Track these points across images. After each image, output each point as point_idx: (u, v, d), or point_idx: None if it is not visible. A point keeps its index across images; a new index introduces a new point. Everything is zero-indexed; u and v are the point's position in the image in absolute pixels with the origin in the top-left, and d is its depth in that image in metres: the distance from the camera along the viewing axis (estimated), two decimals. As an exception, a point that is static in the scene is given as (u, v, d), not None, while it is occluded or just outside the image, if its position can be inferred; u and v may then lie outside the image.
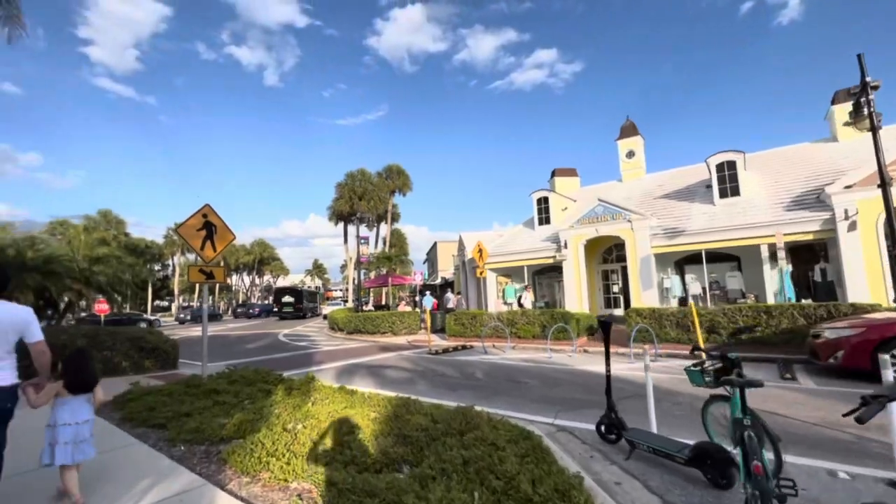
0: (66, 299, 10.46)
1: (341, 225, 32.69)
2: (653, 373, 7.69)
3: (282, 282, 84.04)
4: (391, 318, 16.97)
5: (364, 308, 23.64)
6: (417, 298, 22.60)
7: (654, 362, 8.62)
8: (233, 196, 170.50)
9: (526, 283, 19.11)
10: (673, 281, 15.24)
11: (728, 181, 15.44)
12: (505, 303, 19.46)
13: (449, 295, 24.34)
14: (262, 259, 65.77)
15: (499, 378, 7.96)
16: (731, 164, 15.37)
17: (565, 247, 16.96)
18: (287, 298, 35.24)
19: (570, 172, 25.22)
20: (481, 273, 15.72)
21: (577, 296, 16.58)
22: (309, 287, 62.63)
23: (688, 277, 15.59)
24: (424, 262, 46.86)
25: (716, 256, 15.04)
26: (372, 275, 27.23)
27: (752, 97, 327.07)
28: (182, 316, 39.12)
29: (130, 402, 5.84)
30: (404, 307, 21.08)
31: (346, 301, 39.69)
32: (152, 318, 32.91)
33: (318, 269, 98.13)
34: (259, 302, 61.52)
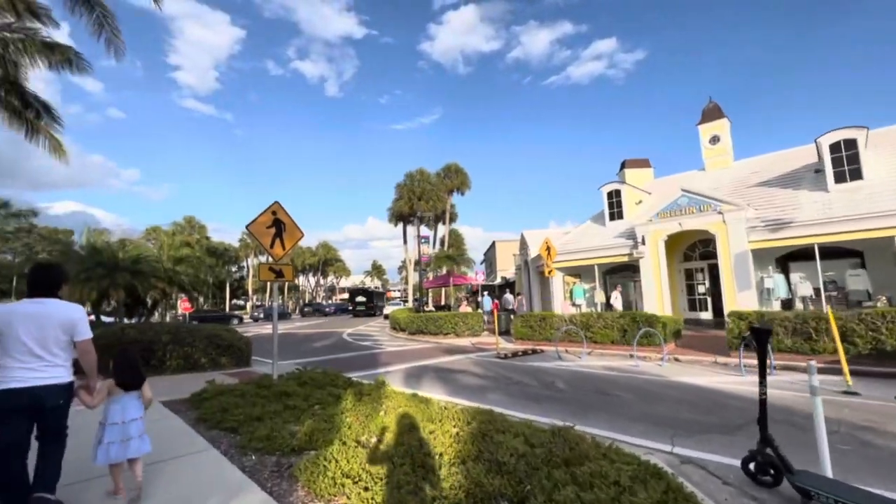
0: (151, 298, 11.05)
1: (400, 226, 33.07)
2: (775, 389, 6.43)
3: (344, 282, 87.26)
4: (454, 319, 16.46)
5: (425, 308, 23.42)
6: (480, 299, 21.94)
7: (771, 376, 7.25)
8: (298, 202, 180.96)
9: (596, 283, 17.75)
10: (776, 280, 13.22)
11: (846, 163, 13.12)
12: (573, 304, 18.22)
13: (508, 296, 23.43)
14: (326, 260, 68.78)
15: (585, 389, 7.07)
16: (850, 143, 13.04)
17: (643, 243, 15.44)
18: (360, 298, 39.80)
19: (642, 163, 23.25)
20: (549, 272, 14.72)
21: (657, 297, 15.00)
22: (372, 287, 66.34)
23: (794, 276, 13.46)
24: (482, 263, 46.09)
25: (832, 252, 12.81)
26: (431, 275, 27.16)
27: (857, 71, 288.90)
28: (255, 314, 41.69)
29: (205, 402, 5.76)
30: (466, 308, 20.52)
31: (405, 301, 40.06)
32: (241, 315, 35.61)
33: (377, 271, 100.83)
34: (324, 301, 64.36)
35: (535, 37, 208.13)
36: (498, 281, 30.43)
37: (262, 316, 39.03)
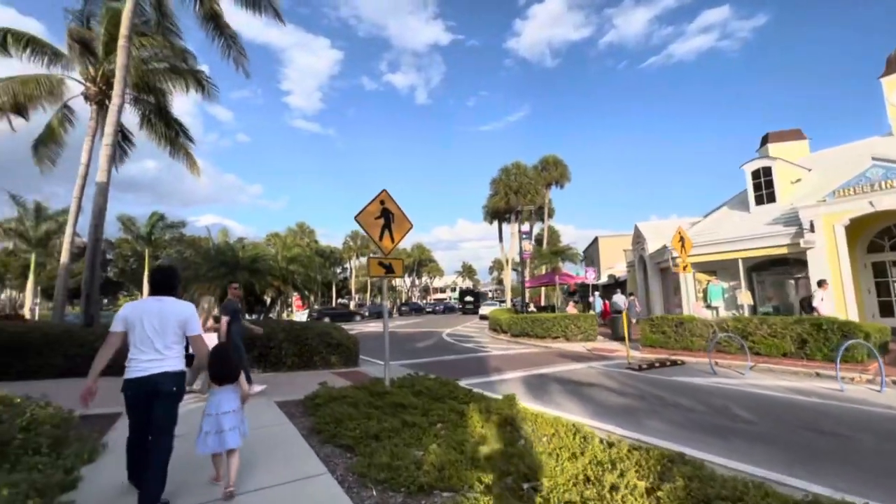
0: (268, 295, 11.43)
1: (495, 225, 32.01)
2: None
3: (437, 283, 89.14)
4: (563, 321, 14.84)
5: (528, 309, 22.00)
6: (591, 300, 19.84)
7: None
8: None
9: (741, 282, 14.68)
10: None
11: None
12: (708, 306, 15.36)
13: (619, 296, 20.90)
14: (420, 261, 70.71)
15: (784, 422, 5.21)
16: None
17: (811, 230, 12.23)
18: (468, 298, 47.37)
19: (793, 135, 19.03)
20: (684, 268, 12.37)
21: (838, 298, 11.71)
22: (476, 289, 70.55)
23: None
24: (581, 260, 42.89)
25: None
26: (527, 273, 25.61)
27: None
28: (362, 312, 44.22)
29: (319, 409, 5.27)
30: (572, 309, 18.66)
31: (502, 301, 38.88)
32: (362, 311, 38.33)
33: (467, 271, 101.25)
34: (420, 301, 66.36)
35: (630, 17, 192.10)
36: (604, 280, 27.64)
37: (366, 314, 41.02)
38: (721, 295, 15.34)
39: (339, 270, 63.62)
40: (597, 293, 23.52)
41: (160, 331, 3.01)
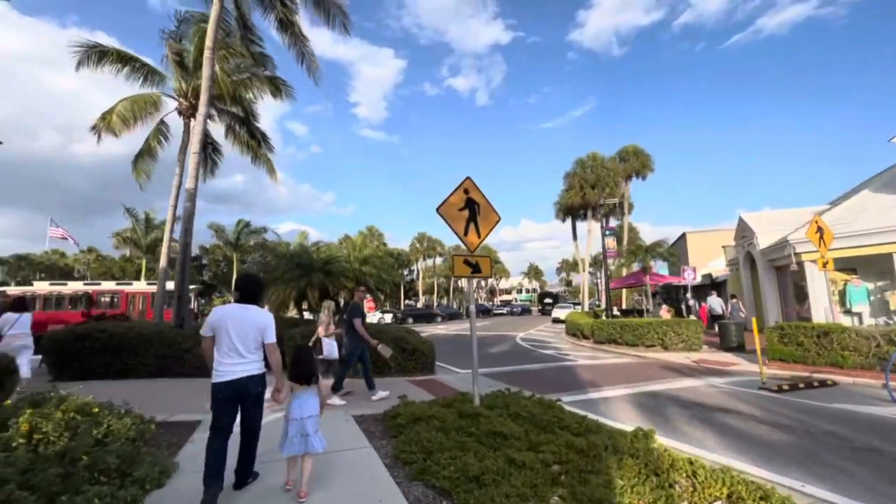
0: (342, 298, 11.16)
1: (559, 224, 29.97)
2: None
3: (503, 284, 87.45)
4: (660, 327, 13.01)
5: (614, 313, 20.09)
6: (692, 303, 17.54)
7: None
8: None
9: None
10: None
11: None
12: (848, 311, 12.66)
13: (714, 298, 18.27)
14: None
15: None
16: None
17: None
18: (547, 300, 53.14)
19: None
20: (825, 265, 10.12)
21: None
22: (546, 290, 70.04)
23: None
24: (664, 260, 39.00)
25: None
26: (611, 272, 23.44)
27: None
28: (441, 313, 44.39)
29: (402, 430, 4.53)
30: (666, 314, 16.55)
31: (576, 304, 36.59)
32: (441, 312, 38.89)
33: (534, 272, 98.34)
34: (487, 303, 65.37)
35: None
36: (696, 280, 24.51)
37: (443, 315, 40.94)
38: (866, 297, 12.57)
39: (405, 272, 64.68)
40: (688, 295, 20.90)
41: (242, 337, 3.18)
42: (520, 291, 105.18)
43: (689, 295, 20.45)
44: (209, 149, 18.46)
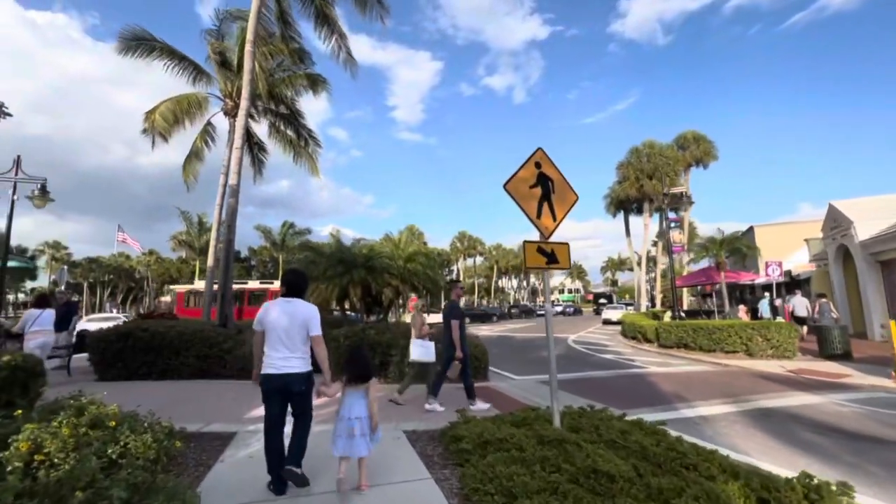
0: (386, 297, 10.45)
1: (620, 218, 27.83)
2: None
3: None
4: (745, 331, 11.33)
5: (681, 314, 18.28)
6: (778, 303, 15.49)
7: None
8: (490, 207, 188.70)
9: None
10: None
11: None
12: None
13: (798, 298, 16.00)
14: (528, 262, 67.47)
15: None
16: None
17: None
18: (602, 300, 53.99)
19: None
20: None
21: None
22: (607, 291, 74.71)
23: None
24: (727, 256, 35.77)
25: None
26: (673, 268, 21.41)
27: None
28: (496, 313, 43.40)
29: (468, 458, 3.64)
30: (745, 314, 14.65)
31: (629, 304, 34.39)
32: (499, 311, 38.35)
33: (577, 272, 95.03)
34: (529, 304, 63.32)
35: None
36: (782, 277, 21.95)
37: (498, 315, 39.81)
38: None
39: (445, 272, 64.14)
40: (767, 294, 18.60)
41: (288, 330, 3.20)
42: (561, 291, 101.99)
43: (767, 294, 18.15)
44: (255, 149, 18.56)
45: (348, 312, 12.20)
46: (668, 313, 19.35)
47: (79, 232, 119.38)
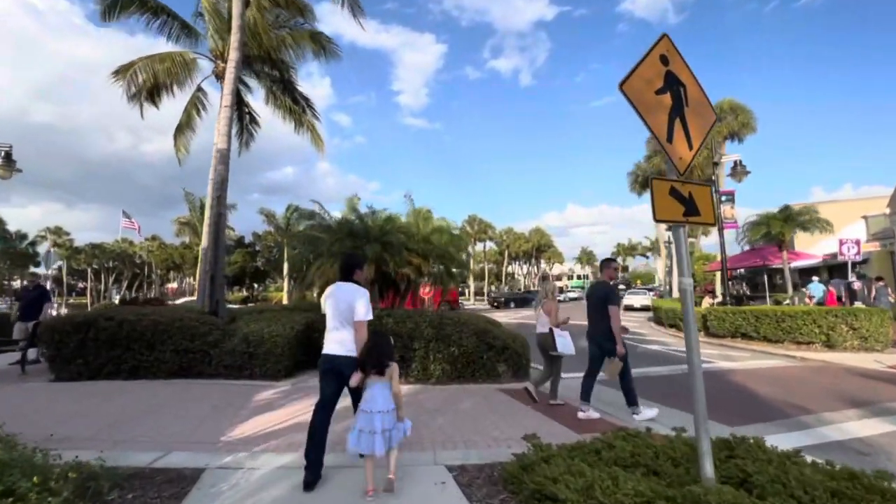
0: (404, 278, 8.83)
1: (646, 198, 25.79)
2: None
3: (557, 269, 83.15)
4: (827, 317, 9.61)
5: (746, 299, 16.49)
6: (858, 285, 13.66)
7: None
8: (498, 193, 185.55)
9: None
10: None
11: None
12: None
13: (851, 280, 14.24)
14: (539, 247, 65.53)
15: None
16: None
17: None
18: (622, 286, 48.67)
19: None
20: None
21: None
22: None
23: None
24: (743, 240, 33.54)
25: None
26: (724, 247, 19.56)
27: None
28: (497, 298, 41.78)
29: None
30: (809, 300, 12.89)
31: (650, 290, 32.68)
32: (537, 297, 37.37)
33: (587, 257, 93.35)
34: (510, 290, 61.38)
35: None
36: (859, 257, 19.98)
37: (502, 300, 38.33)
38: None
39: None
40: (815, 278, 16.75)
41: (336, 314, 3.18)
42: (570, 277, 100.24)
43: (815, 278, 16.26)
44: (247, 119, 16.86)
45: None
46: (707, 299, 17.61)
47: (87, 220, 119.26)
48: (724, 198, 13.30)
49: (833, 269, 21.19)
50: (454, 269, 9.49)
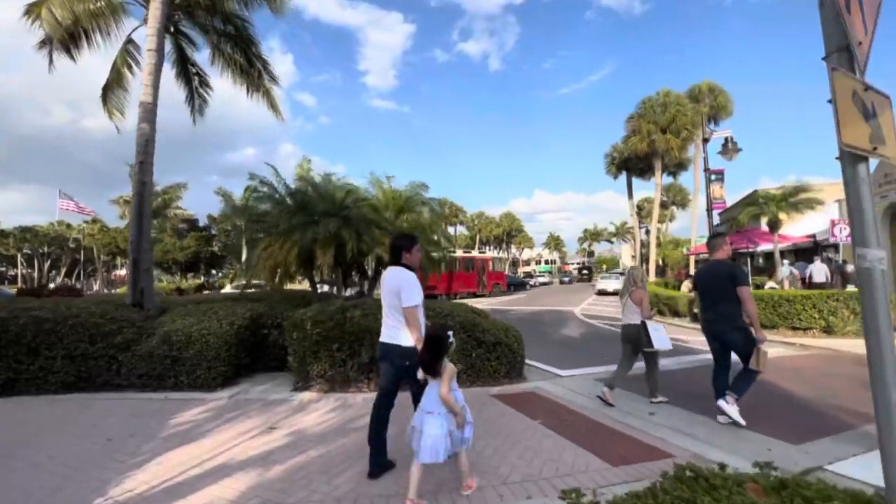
0: (370, 263, 7.47)
1: (622, 180, 25.20)
2: None
3: (526, 254, 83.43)
4: (826, 301, 9.06)
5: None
6: (850, 268, 13.37)
7: None
8: (466, 178, 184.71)
9: None
10: None
11: None
12: None
13: (816, 265, 14.20)
14: (510, 232, 65.16)
15: None
16: None
17: None
18: (584, 271, 58.25)
19: None
20: None
21: None
22: (583, 262, 74.66)
23: None
24: (718, 224, 34.09)
25: None
26: (649, 231, 19.21)
27: None
28: (531, 281, 41.27)
29: None
30: (788, 284, 12.53)
31: (621, 274, 32.65)
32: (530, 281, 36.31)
33: (554, 242, 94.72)
34: (511, 274, 61.40)
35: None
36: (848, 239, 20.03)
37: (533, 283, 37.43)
38: None
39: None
40: (785, 261, 16.67)
41: (384, 300, 3.10)
42: (538, 262, 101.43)
43: (785, 261, 16.12)
44: (195, 81, 14.61)
45: (320, 285, 9.18)
46: (686, 283, 17.24)
47: (24, 202, 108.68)
48: (713, 176, 12.65)
49: (797, 254, 21.48)
50: (435, 254, 8.18)
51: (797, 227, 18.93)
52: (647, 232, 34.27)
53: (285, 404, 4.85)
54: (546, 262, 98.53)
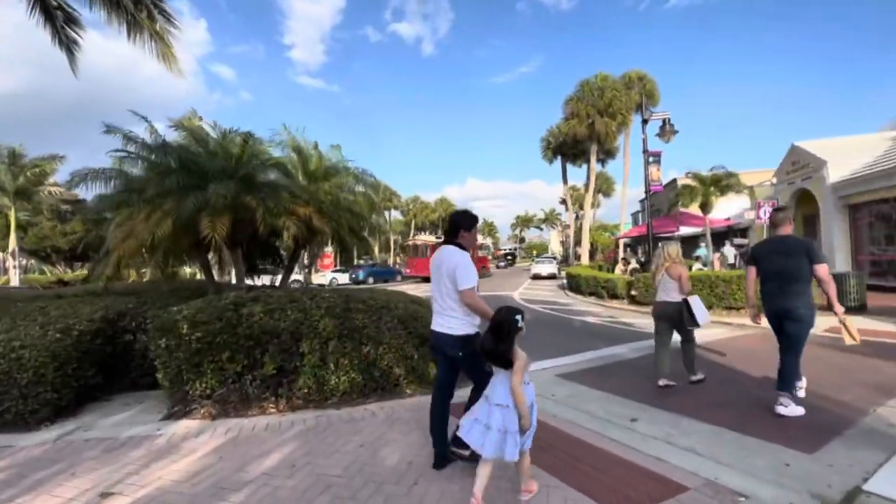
0: (287, 242, 5.98)
1: (557, 165, 25.38)
2: None
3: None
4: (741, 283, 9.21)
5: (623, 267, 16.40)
6: (715, 255, 14.06)
7: None
8: (399, 164, 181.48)
9: None
10: None
11: None
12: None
13: (727, 248, 15.35)
14: (445, 217, 64.79)
15: None
16: None
17: None
18: (509, 256, 58.68)
19: None
20: None
21: None
22: (510, 248, 78.06)
23: None
24: (651, 207, 36.39)
25: None
26: (583, 215, 19.58)
27: None
28: (354, 275, 28.89)
29: None
30: (719, 264, 13.01)
31: (553, 258, 33.45)
32: (401, 270, 32.53)
33: (487, 228, 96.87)
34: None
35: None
36: (694, 230, 21.59)
37: (360, 276, 28.54)
38: None
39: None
40: (702, 244, 17.70)
41: (436, 284, 2.85)
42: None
43: (702, 244, 17.04)
44: (59, 18, 11.44)
45: (226, 274, 7.39)
46: (619, 266, 17.59)
47: None
48: (651, 159, 12.63)
49: (713, 237, 23.19)
50: (365, 234, 6.85)
51: (716, 213, 20.31)
52: (577, 217, 35.38)
53: (145, 444, 3.37)
54: (481, 247, 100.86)
